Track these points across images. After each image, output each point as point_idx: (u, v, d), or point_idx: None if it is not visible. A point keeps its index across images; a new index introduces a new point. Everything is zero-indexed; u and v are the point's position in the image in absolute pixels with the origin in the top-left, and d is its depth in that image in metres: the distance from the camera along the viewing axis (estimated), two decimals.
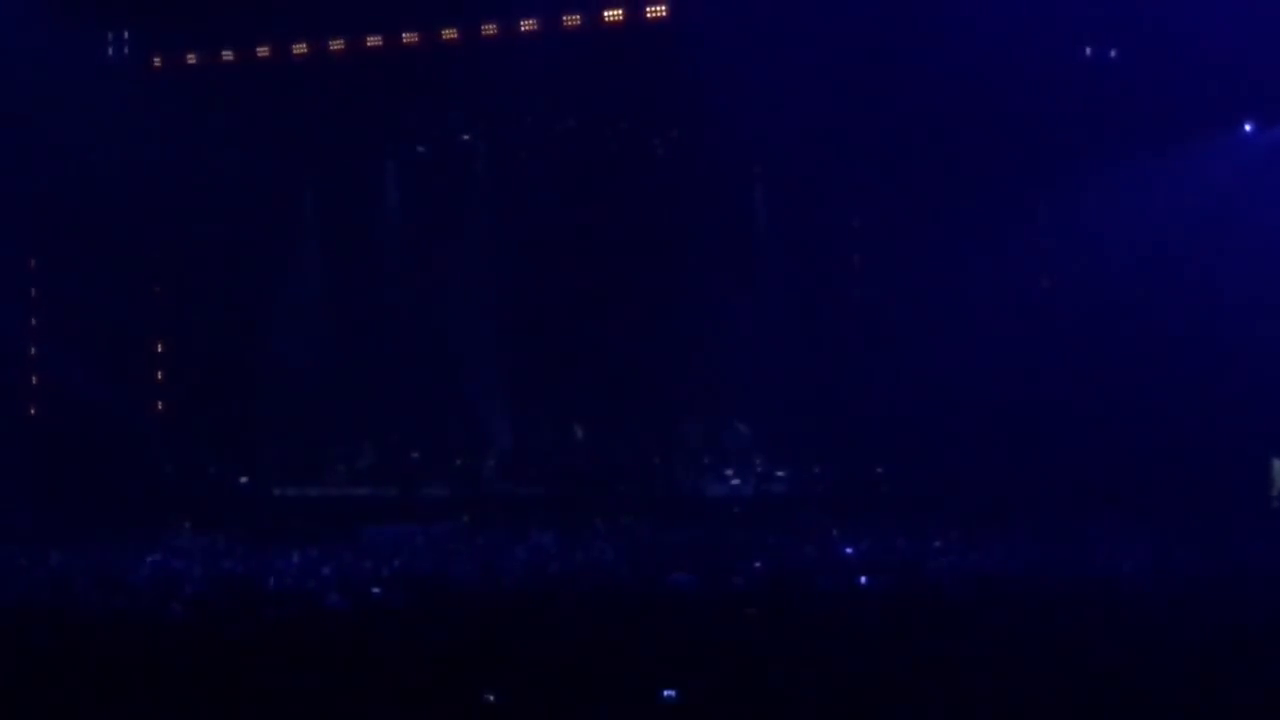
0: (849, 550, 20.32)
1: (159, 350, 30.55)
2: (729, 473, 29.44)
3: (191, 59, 29.72)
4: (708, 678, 12.37)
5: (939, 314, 27.11)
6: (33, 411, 29.22)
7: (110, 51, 29.90)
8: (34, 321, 28.22)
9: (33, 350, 28.52)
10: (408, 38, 28.64)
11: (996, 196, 26.31)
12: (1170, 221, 25.34)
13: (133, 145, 29.02)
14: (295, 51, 28.77)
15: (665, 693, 11.92)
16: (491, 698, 11.93)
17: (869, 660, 12.93)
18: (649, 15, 28.02)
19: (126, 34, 29.83)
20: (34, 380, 29.19)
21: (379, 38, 28.50)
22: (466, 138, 31.65)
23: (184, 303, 32.02)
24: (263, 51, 29.35)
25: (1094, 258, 25.86)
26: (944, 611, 15.18)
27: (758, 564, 18.91)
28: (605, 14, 28.15)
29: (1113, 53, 26.53)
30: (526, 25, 28.28)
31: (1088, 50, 26.69)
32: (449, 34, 28.46)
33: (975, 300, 26.39)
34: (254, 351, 32.15)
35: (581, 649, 13.56)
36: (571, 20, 28.13)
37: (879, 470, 28.12)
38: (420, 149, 31.92)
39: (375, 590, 17.27)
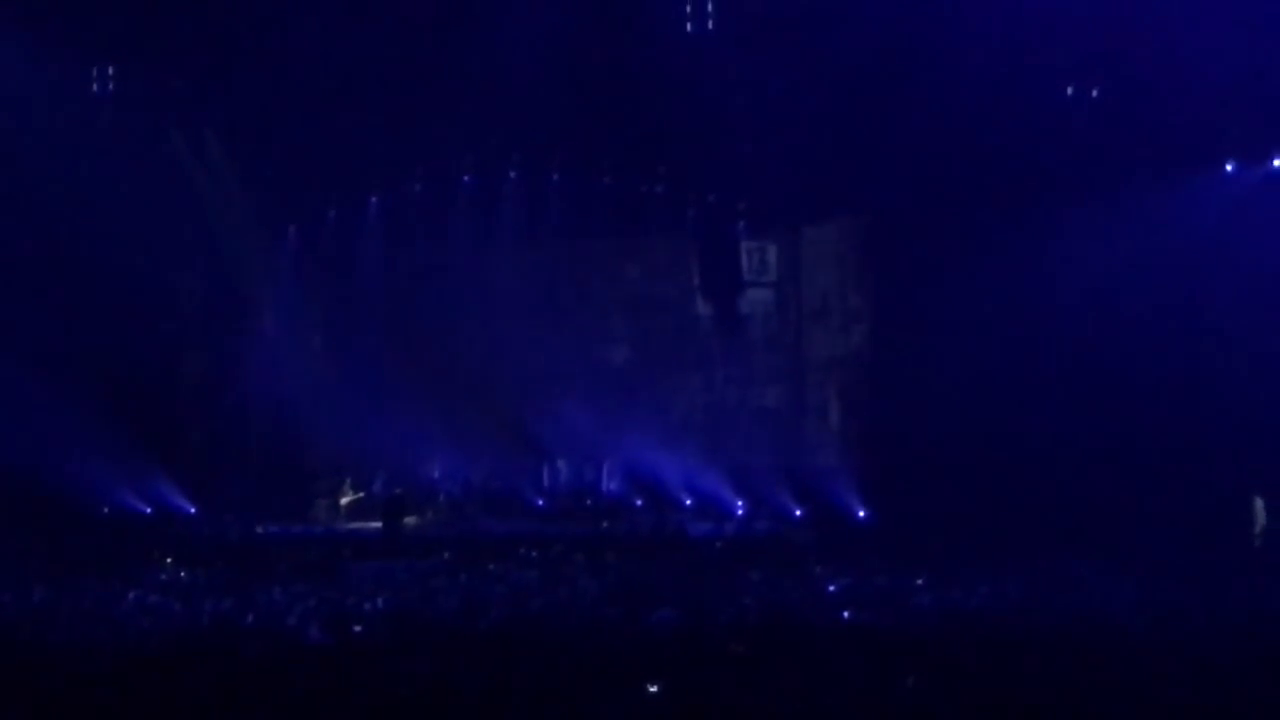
0: (831, 588, 20.30)
1: (141, 388, 30.42)
2: (711, 512, 29.52)
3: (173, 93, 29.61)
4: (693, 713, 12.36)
5: (917, 355, 27.15)
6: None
7: (95, 87, 29.87)
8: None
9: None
10: (392, 71, 28.59)
11: (977, 235, 26.36)
12: (1153, 260, 25.41)
13: (114, 180, 28.99)
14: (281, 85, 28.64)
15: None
16: None
17: (853, 696, 12.92)
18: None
19: (111, 69, 29.83)
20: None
21: (366, 70, 28.42)
22: (452, 173, 31.65)
23: (165, 339, 31.96)
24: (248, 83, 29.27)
25: (1075, 296, 25.91)
26: (925, 648, 15.15)
27: (746, 600, 18.90)
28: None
29: (1095, 92, 26.63)
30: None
31: (1069, 89, 26.78)
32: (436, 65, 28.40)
33: (954, 340, 26.41)
34: (236, 388, 32.11)
35: (564, 686, 13.54)
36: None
37: (861, 513, 28.12)
38: (404, 184, 31.89)
39: (356, 628, 17.22)
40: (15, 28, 27.03)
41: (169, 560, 25.13)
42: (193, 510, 30.73)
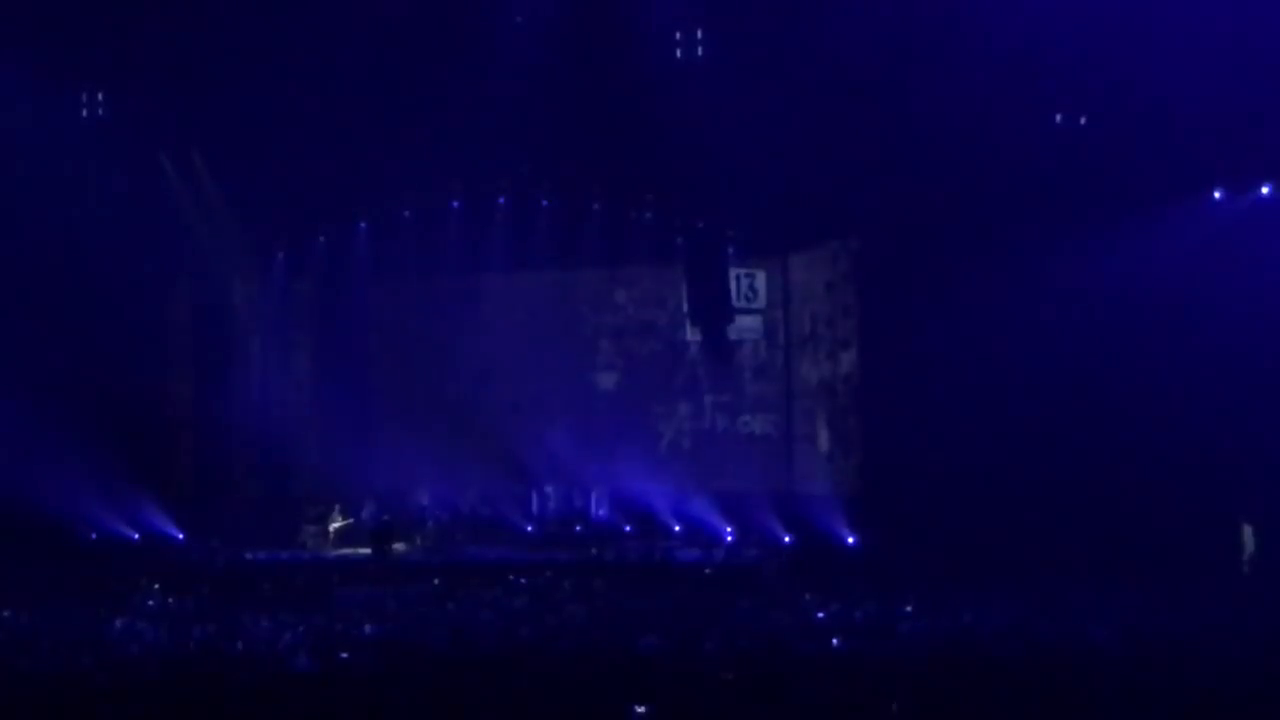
0: (820, 614, 20.28)
1: (128, 413, 30.40)
2: (700, 539, 29.53)
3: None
4: None
5: (905, 381, 27.18)
6: None
7: (84, 112, 29.91)
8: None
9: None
10: (381, 97, 28.58)
11: (965, 262, 26.39)
12: (1141, 286, 25.46)
13: (102, 205, 29.01)
14: (269, 110, 28.62)
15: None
16: None
17: None
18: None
19: (100, 94, 29.87)
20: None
21: (354, 96, 28.42)
22: (441, 199, 31.65)
23: (153, 365, 31.96)
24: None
25: (1064, 322, 25.94)
26: (913, 675, 15.15)
27: (732, 628, 18.86)
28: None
29: (1083, 119, 26.69)
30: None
31: (1058, 117, 26.84)
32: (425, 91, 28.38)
33: (942, 366, 26.44)
34: (224, 414, 32.08)
35: (552, 713, 13.52)
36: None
37: (850, 539, 28.12)
38: (393, 210, 31.88)
39: (344, 655, 17.18)
40: (3, 53, 27.05)
41: (157, 587, 25.05)
42: (180, 536, 30.70)
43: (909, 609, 20.28)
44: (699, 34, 28.17)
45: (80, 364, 29.29)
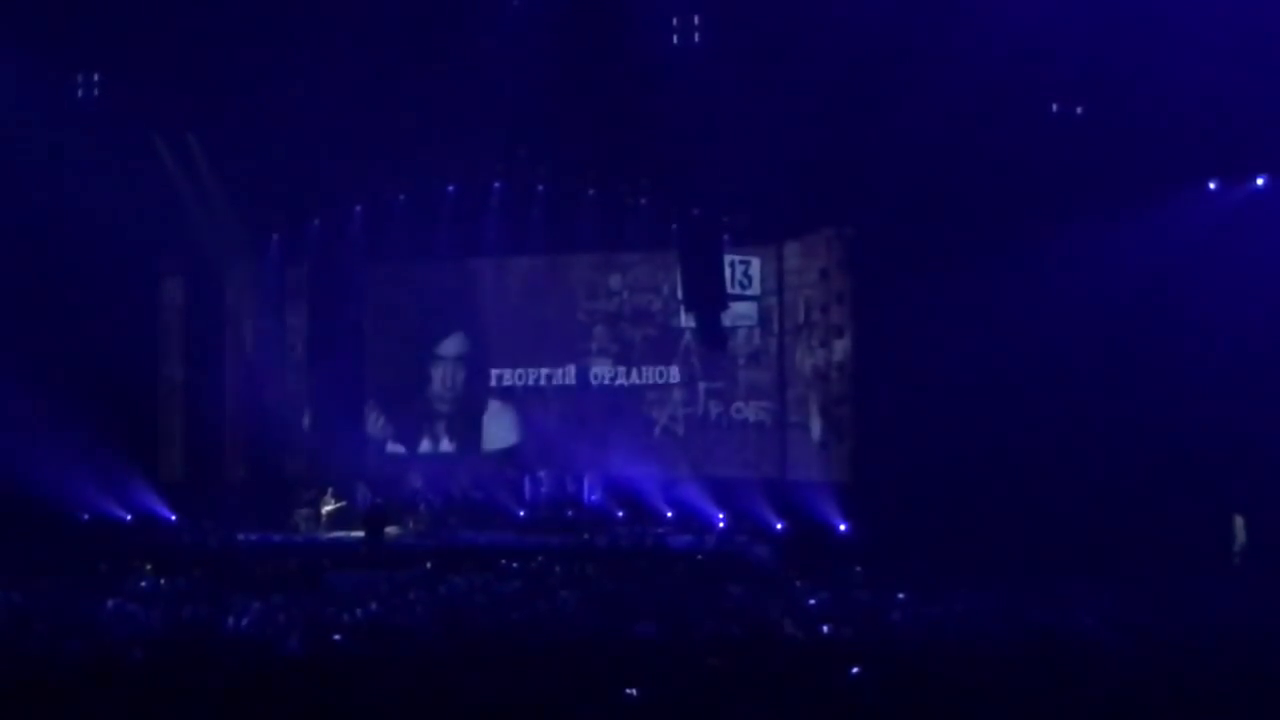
0: (811, 601, 20.29)
1: (122, 395, 30.39)
2: (692, 525, 29.56)
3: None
4: None
5: (899, 369, 27.21)
6: None
7: (79, 93, 29.88)
8: None
9: None
10: (377, 81, 28.54)
11: (960, 251, 26.39)
12: (1135, 278, 25.47)
13: (97, 187, 28.95)
14: (265, 93, 28.60)
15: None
16: None
17: (830, 711, 12.91)
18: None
19: (95, 76, 29.82)
20: None
21: (350, 80, 28.37)
22: (436, 184, 31.65)
23: (147, 346, 31.97)
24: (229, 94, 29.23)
25: (1058, 312, 25.94)
26: (904, 663, 15.15)
27: (723, 614, 18.87)
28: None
29: (1079, 109, 26.68)
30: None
31: (1054, 107, 26.82)
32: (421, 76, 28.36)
33: (936, 355, 26.46)
34: (218, 395, 32.09)
35: (543, 698, 13.51)
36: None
37: (841, 527, 28.15)
38: (388, 194, 31.88)
39: (336, 638, 17.17)
40: None
41: (148, 568, 25.02)
42: (173, 518, 30.70)
43: (901, 596, 20.29)
44: (696, 19, 28.12)
45: (73, 345, 29.28)
